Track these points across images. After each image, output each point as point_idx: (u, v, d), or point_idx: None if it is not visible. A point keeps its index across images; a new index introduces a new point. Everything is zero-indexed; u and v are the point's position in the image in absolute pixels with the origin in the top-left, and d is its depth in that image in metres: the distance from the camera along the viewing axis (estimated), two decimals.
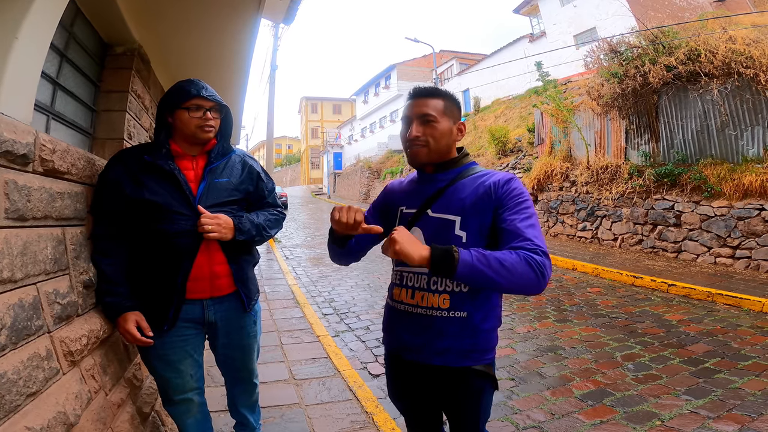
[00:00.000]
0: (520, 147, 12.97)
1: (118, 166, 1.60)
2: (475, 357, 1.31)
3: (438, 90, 1.36)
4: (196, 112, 1.62)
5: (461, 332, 1.29)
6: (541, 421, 2.55)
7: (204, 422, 1.90)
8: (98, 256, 1.59)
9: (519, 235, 1.19)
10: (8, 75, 1.20)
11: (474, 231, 1.27)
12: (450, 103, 1.36)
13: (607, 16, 14.87)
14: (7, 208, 1.10)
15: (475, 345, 1.30)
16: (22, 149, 1.16)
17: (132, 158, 1.62)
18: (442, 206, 1.31)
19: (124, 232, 1.61)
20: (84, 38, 2.16)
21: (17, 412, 1.05)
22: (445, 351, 1.30)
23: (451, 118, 1.35)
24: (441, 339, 1.29)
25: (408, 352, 1.36)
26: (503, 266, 1.11)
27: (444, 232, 1.29)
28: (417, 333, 1.32)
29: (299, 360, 3.43)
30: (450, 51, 28.84)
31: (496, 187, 1.28)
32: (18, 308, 1.11)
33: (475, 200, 1.28)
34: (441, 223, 1.30)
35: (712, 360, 3.30)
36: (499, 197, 1.26)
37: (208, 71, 3.61)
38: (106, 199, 1.59)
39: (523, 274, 1.12)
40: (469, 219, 1.27)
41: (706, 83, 6.61)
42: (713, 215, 6.34)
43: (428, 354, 1.32)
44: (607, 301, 5.10)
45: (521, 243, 1.17)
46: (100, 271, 1.59)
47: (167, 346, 1.66)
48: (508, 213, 1.24)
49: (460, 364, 1.30)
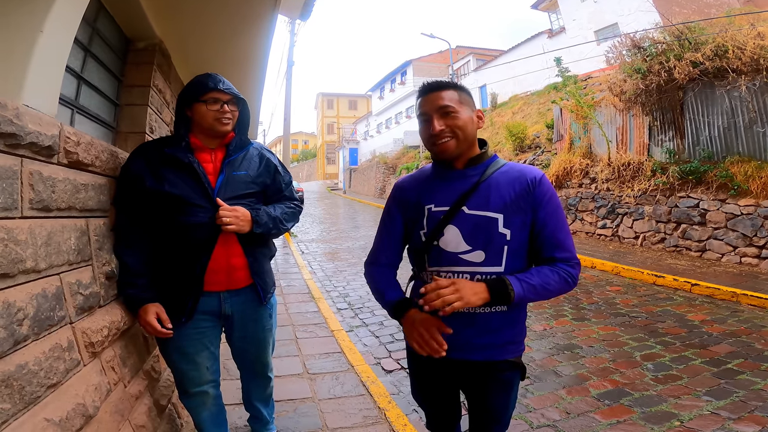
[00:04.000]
0: (538, 143, 12.77)
1: (139, 159, 1.63)
2: (512, 349, 1.34)
3: (448, 82, 1.34)
4: (214, 104, 1.63)
5: (501, 326, 1.31)
6: (555, 420, 2.51)
7: (219, 415, 1.91)
8: (121, 247, 1.62)
9: (559, 246, 1.27)
10: (33, 68, 1.22)
11: (517, 228, 1.27)
12: (462, 92, 1.33)
13: (629, 11, 14.54)
14: (31, 199, 1.12)
15: (513, 336, 1.33)
16: (47, 141, 1.18)
17: (153, 151, 1.64)
18: (480, 203, 1.28)
19: (145, 225, 1.63)
20: (107, 33, 2.20)
21: (37, 403, 1.06)
22: (486, 346, 1.31)
23: (469, 106, 1.33)
24: (483, 335, 1.30)
25: (447, 350, 1.35)
26: (547, 290, 1.23)
27: (485, 229, 1.27)
28: (457, 330, 1.28)
29: (313, 354, 3.45)
30: (466, 47, 28.53)
31: (533, 185, 1.29)
32: (41, 298, 1.13)
33: (515, 198, 1.28)
34: (481, 220, 1.27)
35: (734, 361, 3.21)
36: (536, 197, 1.28)
37: (226, 67, 3.64)
38: (128, 191, 1.62)
39: (561, 290, 1.25)
40: (512, 217, 1.27)
41: (734, 79, 6.41)
42: (739, 214, 6.15)
43: (468, 351, 1.32)
44: (627, 300, 4.99)
45: (562, 255, 1.26)
46: (123, 262, 1.61)
47: (184, 339, 1.68)
48: (548, 217, 1.28)
49: (499, 358, 1.32)
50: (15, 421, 0.97)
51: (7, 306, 0.99)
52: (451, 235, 1.29)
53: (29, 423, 1.01)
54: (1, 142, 1.02)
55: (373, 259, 1.48)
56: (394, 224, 1.44)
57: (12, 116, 1.05)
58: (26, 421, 1.00)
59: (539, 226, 1.27)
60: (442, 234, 1.30)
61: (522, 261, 1.30)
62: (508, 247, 1.26)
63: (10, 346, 0.99)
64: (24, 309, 1.04)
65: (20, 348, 1.03)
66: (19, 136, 1.07)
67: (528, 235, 1.29)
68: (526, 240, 1.29)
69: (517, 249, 1.28)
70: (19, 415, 0.99)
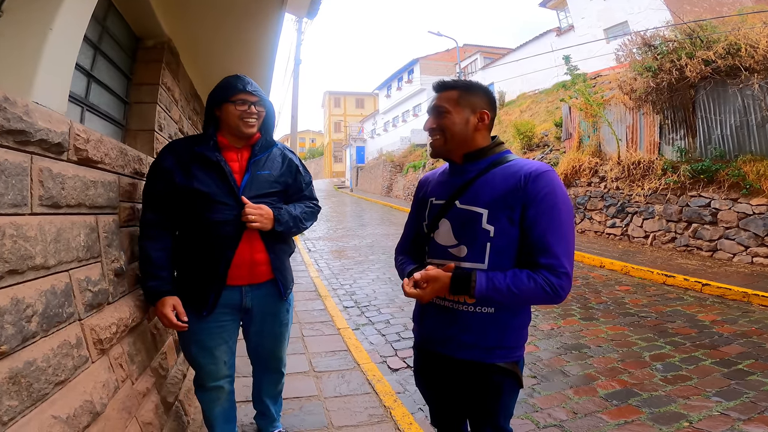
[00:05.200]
0: (547, 142, 12.68)
1: (169, 156, 1.68)
2: (501, 354, 1.29)
3: (454, 82, 1.35)
4: (242, 105, 1.68)
5: (487, 328, 1.27)
6: (562, 420, 2.49)
7: (230, 410, 1.96)
8: (147, 241, 1.67)
9: (545, 251, 1.17)
10: (43, 65, 1.22)
11: (502, 225, 1.22)
12: (466, 92, 1.32)
13: (639, 9, 14.37)
14: (41, 195, 1.13)
15: (501, 341, 1.28)
16: (56, 138, 1.19)
17: (182, 149, 1.70)
18: (470, 198, 1.28)
19: (172, 220, 1.69)
20: (117, 32, 2.21)
21: (44, 400, 1.06)
22: (470, 346, 1.29)
23: (468, 107, 1.31)
24: (466, 334, 1.29)
25: (435, 343, 1.37)
26: (515, 295, 1.16)
27: (470, 224, 1.26)
28: (443, 326, 1.32)
29: (319, 352, 3.45)
30: (474, 45, 28.35)
31: (527, 180, 1.20)
32: (50, 295, 1.13)
33: (504, 193, 1.22)
34: (468, 215, 1.27)
35: (745, 362, 3.18)
36: (528, 193, 1.19)
37: (234, 65, 3.64)
38: (158, 186, 1.67)
39: (537, 299, 1.17)
40: (498, 212, 1.22)
41: (747, 78, 6.33)
42: (751, 213, 6.07)
43: (453, 347, 1.31)
44: (637, 299, 4.94)
45: (546, 261, 1.16)
46: (147, 255, 1.66)
47: (205, 332, 1.73)
48: (540, 216, 1.18)
49: (485, 360, 1.29)
50: (22, 419, 0.97)
51: (16, 302, 0.99)
52: (443, 229, 1.33)
53: (36, 420, 1.00)
54: (10, 139, 1.03)
55: (398, 246, 1.57)
56: (414, 216, 1.53)
57: (21, 113, 1.05)
58: (33, 419, 1.00)
59: (527, 224, 1.19)
60: (437, 227, 1.34)
61: (510, 260, 1.24)
62: (492, 244, 1.23)
63: (19, 343, 0.99)
64: (33, 305, 1.04)
65: (28, 344, 1.03)
66: (28, 133, 1.07)
67: (519, 235, 1.22)
68: (516, 239, 1.22)
69: (503, 247, 1.23)
70: (27, 412, 0.99)
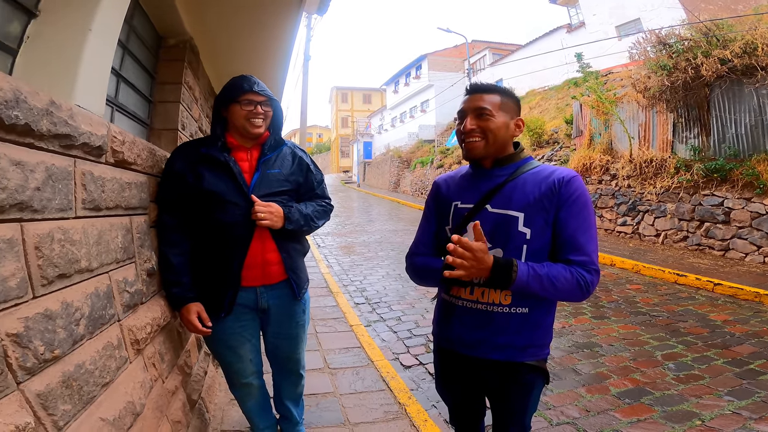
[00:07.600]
0: (557, 139, 12.60)
1: (180, 158, 1.68)
2: (533, 352, 1.33)
3: (495, 86, 1.37)
4: (248, 106, 1.67)
5: (521, 328, 1.30)
6: (575, 418, 2.51)
7: (265, 403, 2.02)
8: (166, 246, 1.67)
9: (578, 249, 1.24)
10: (84, 67, 1.23)
11: (538, 227, 1.27)
12: (507, 98, 1.35)
13: (653, 7, 14.13)
14: (84, 199, 1.14)
15: (533, 340, 1.32)
16: (97, 141, 1.20)
17: (191, 151, 1.70)
18: (503, 202, 1.30)
19: (187, 223, 1.68)
20: (142, 31, 2.22)
21: (92, 403, 1.07)
22: (505, 346, 1.31)
23: (508, 113, 1.34)
24: (501, 335, 1.31)
25: (464, 346, 1.37)
26: (554, 286, 1.20)
27: (505, 227, 1.28)
28: (475, 328, 1.33)
29: (333, 349, 3.48)
30: (483, 41, 28.04)
31: (560, 184, 1.27)
32: (94, 297, 1.15)
33: (539, 197, 1.27)
34: (502, 218, 1.29)
35: (757, 361, 3.18)
36: (561, 196, 1.26)
37: (251, 63, 3.65)
38: (172, 189, 1.67)
39: (570, 292, 1.22)
40: (534, 216, 1.26)
41: (763, 77, 6.26)
42: (765, 213, 6.01)
43: (486, 349, 1.33)
44: (648, 298, 4.93)
45: (579, 258, 1.23)
46: (168, 261, 1.66)
47: (228, 333, 1.75)
48: (571, 218, 1.25)
49: (518, 359, 1.32)
50: (74, 422, 0.98)
51: (66, 306, 1.01)
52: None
53: (86, 424, 1.01)
54: (56, 144, 1.04)
55: (414, 250, 1.54)
56: (431, 219, 1.51)
57: (66, 117, 1.06)
58: (84, 422, 1.01)
59: (560, 225, 1.26)
60: (465, 230, 1.33)
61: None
62: (528, 246, 1.27)
63: (69, 346, 1.01)
64: (80, 308, 1.06)
65: (77, 348, 1.05)
66: (73, 137, 1.09)
67: (551, 236, 1.28)
68: (549, 241, 1.28)
69: (538, 249, 1.27)
70: (78, 415, 1.00)
